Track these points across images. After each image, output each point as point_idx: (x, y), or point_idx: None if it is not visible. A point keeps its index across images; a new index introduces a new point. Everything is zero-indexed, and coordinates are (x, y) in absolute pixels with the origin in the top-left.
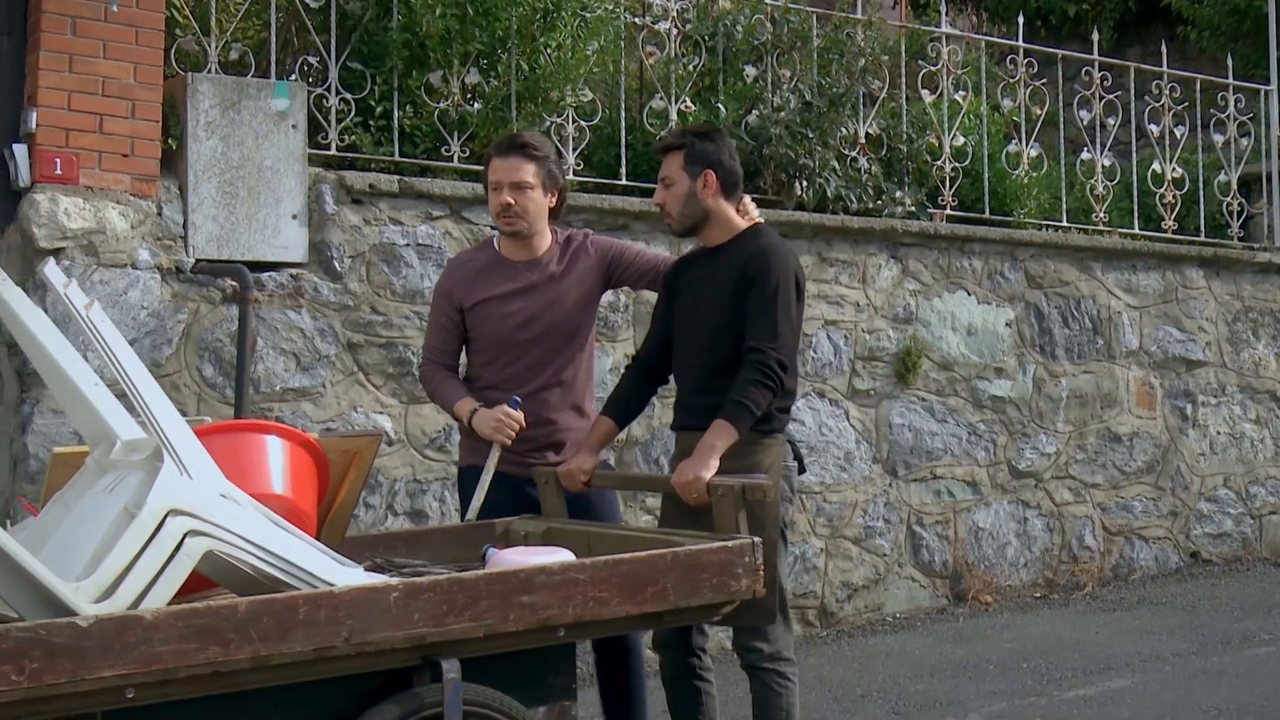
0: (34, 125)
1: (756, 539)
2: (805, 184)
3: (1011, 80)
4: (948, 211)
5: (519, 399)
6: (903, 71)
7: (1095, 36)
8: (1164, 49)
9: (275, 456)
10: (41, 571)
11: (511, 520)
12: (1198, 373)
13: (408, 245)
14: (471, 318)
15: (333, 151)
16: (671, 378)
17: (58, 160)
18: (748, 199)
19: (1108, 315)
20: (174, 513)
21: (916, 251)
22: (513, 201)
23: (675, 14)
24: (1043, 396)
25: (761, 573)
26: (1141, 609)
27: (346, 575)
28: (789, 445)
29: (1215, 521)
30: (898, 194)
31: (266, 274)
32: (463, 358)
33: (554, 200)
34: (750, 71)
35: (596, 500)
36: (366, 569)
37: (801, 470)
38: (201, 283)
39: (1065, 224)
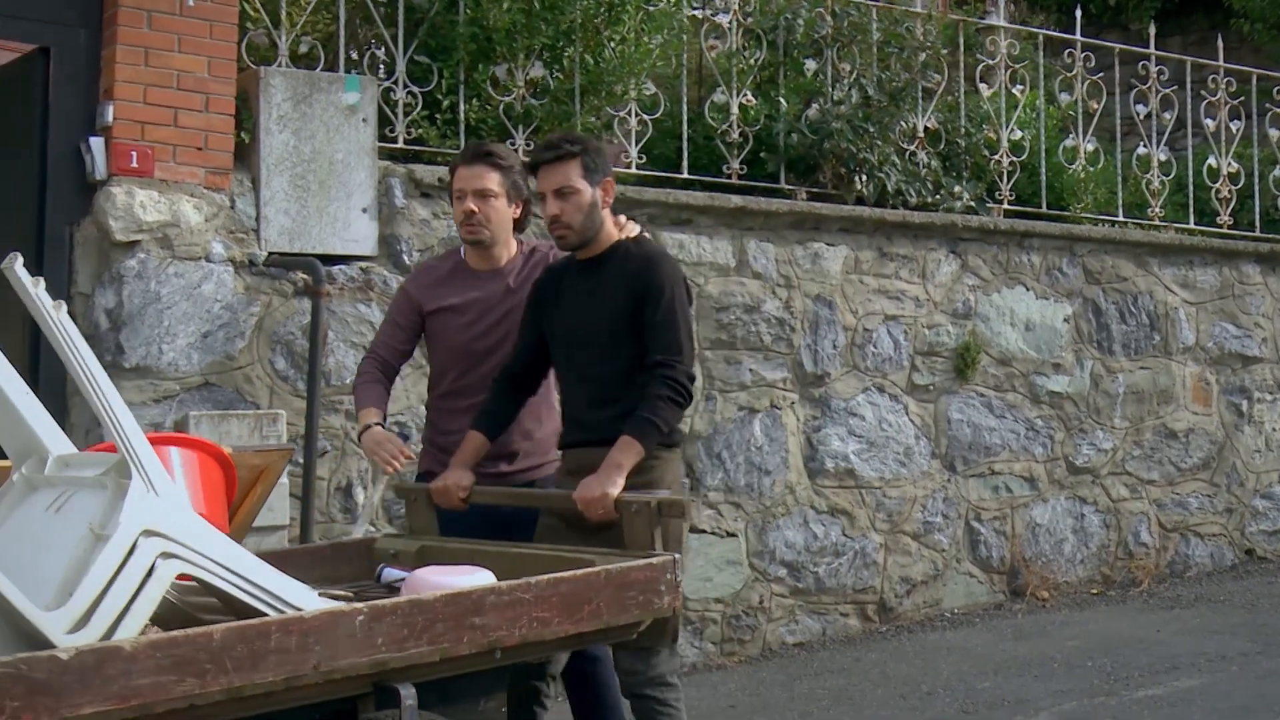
0: (111, 119)
1: (677, 555)
2: (865, 178)
3: (1069, 74)
4: (1005, 206)
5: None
6: (961, 64)
7: (1152, 30)
8: (1220, 43)
9: (190, 470)
10: (20, 600)
11: (376, 537)
12: (1254, 369)
13: None
14: (430, 324)
15: (399, 145)
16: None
17: (134, 153)
18: (621, 216)
19: (1164, 311)
20: (146, 533)
21: (976, 246)
22: (475, 209)
23: (737, 7)
24: (1100, 392)
25: (681, 590)
26: (1200, 606)
27: (310, 599)
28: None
29: (1270, 519)
30: (956, 188)
31: (337, 267)
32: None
33: (518, 211)
34: (810, 65)
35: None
36: None
37: None
38: (274, 276)
39: (1121, 219)
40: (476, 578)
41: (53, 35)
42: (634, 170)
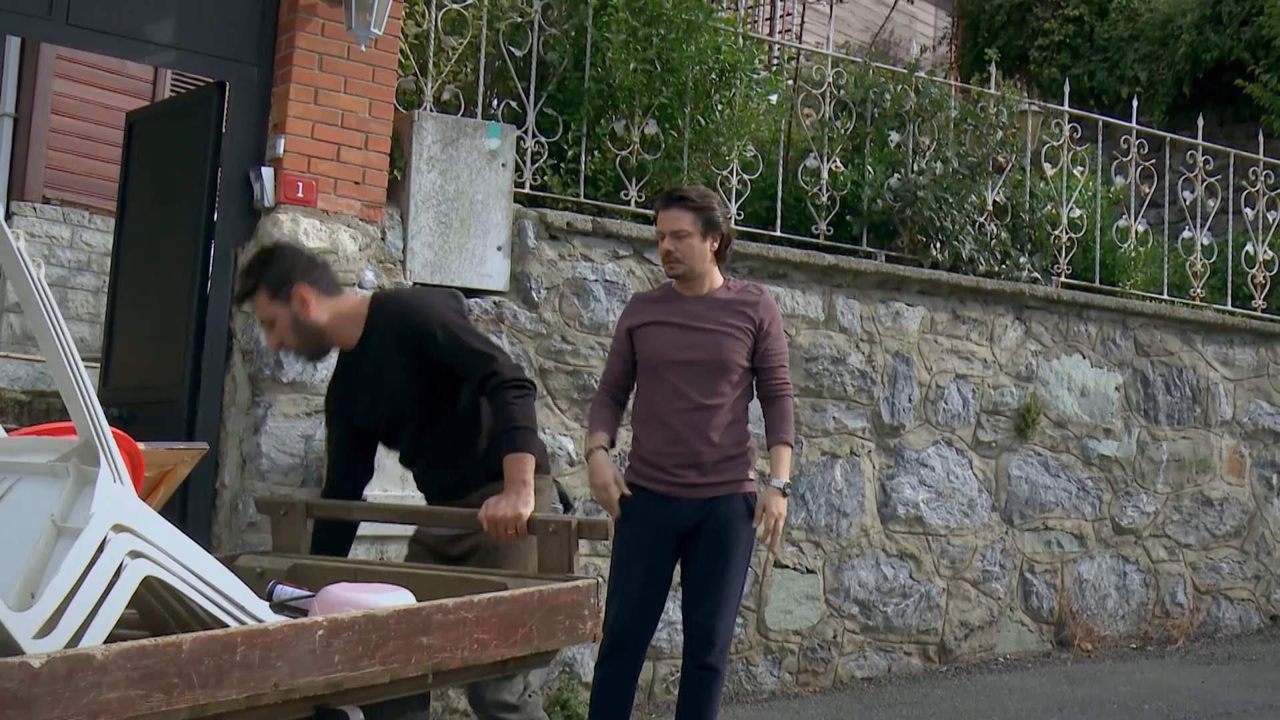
0: (281, 151)
1: (601, 578)
2: (940, 245)
3: (1124, 159)
4: (1062, 279)
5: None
6: (1029, 144)
7: (1200, 122)
8: (1260, 138)
9: None
10: None
11: (238, 555)
12: None
13: (596, 280)
14: (637, 338)
15: (526, 190)
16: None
17: (300, 184)
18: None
19: (1206, 385)
20: (117, 529)
21: (1039, 315)
22: (673, 248)
23: (831, 79)
24: (1145, 458)
25: (603, 615)
26: (1236, 664)
27: (265, 610)
28: (555, 484)
29: None
30: (1022, 259)
31: (472, 300)
32: None
33: (715, 244)
34: (894, 137)
35: None
36: None
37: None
38: None
39: (1166, 297)
40: (398, 596)
41: (230, 71)
42: (734, 226)
